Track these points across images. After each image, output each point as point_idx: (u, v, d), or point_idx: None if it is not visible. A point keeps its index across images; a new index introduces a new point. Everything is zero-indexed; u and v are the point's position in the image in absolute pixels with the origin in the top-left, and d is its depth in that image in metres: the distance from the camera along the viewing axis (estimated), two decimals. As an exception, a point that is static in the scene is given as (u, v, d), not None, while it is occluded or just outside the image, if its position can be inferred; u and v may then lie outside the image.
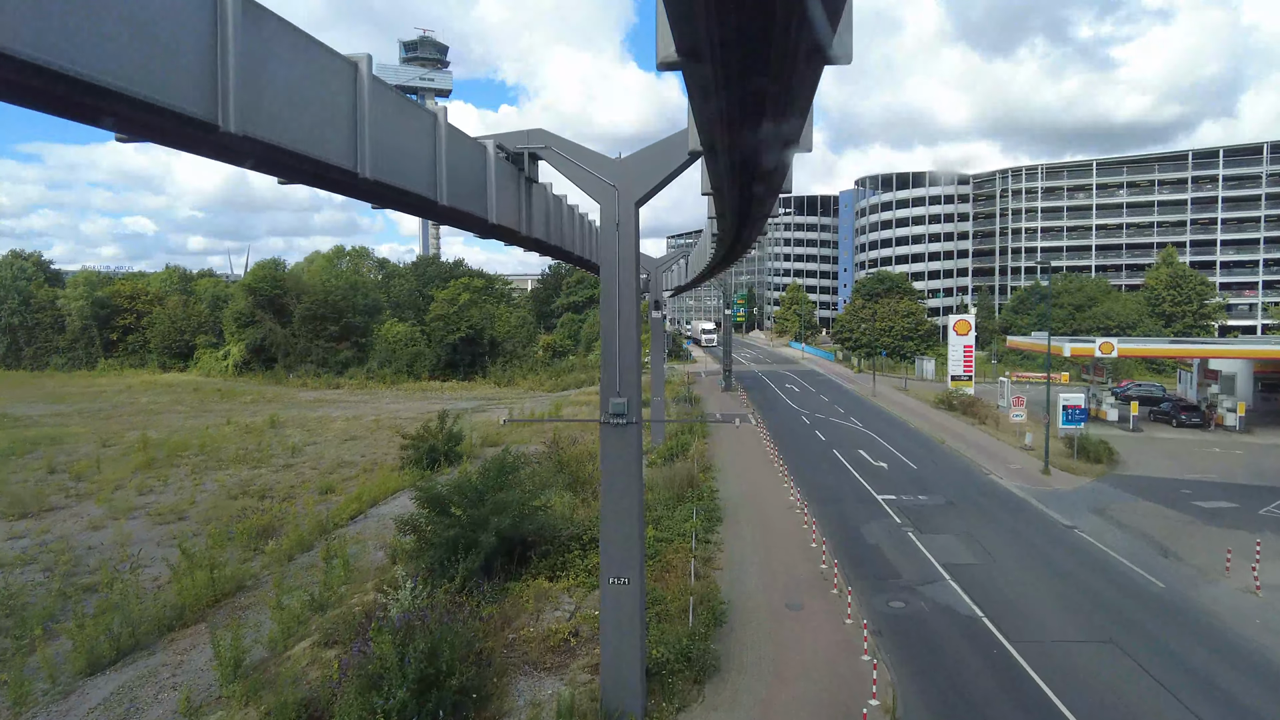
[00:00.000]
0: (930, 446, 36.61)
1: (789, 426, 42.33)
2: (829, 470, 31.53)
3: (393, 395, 64.73)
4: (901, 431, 40.58)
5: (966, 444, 36.76)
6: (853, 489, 28.33)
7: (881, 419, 44.62)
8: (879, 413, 46.89)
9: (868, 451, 35.10)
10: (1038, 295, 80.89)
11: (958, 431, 40.13)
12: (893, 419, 44.58)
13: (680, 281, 45.88)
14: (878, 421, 43.59)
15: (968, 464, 32.83)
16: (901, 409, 47.84)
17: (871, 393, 53.69)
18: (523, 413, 47.71)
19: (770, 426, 41.89)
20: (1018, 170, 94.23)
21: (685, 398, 47.71)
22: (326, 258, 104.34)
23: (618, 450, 11.94)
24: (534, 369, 70.99)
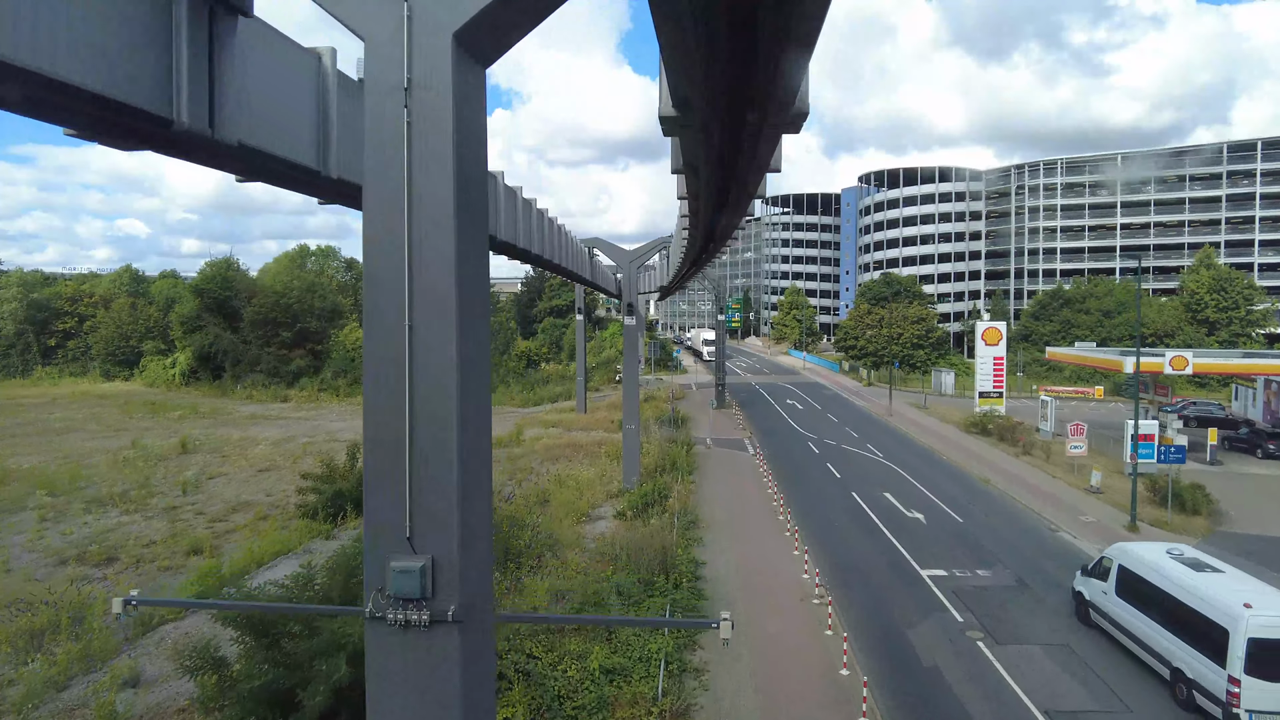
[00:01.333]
0: (972, 488, 29.40)
1: (794, 457, 35.11)
2: (851, 525, 24.29)
3: (343, 410, 57.35)
4: (932, 465, 33.40)
5: (1016, 484, 29.57)
6: (886, 558, 21.09)
7: (904, 447, 37.43)
8: (900, 438, 39.70)
9: (896, 495, 27.88)
10: (1061, 300, 74.01)
11: (1000, 465, 32.96)
12: (917, 447, 37.40)
13: (664, 281, 38.72)
14: (901, 450, 36.41)
15: (1026, 515, 25.63)
16: (925, 433, 40.67)
17: (887, 411, 46.53)
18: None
19: (771, 456, 34.68)
20: (1034, 165, 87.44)
21: (670, 419, 40.47)
22: (289, 257, 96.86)
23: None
24: (505, 380, 63.63)
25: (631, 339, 27.84)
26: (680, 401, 53.03)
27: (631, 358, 27.92)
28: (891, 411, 46.05)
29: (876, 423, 44.34)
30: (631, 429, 27.83)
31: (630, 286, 27.30)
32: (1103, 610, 15.99)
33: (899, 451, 36.05)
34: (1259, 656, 11.80)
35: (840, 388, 61.29)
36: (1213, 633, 12.51)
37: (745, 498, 27.26)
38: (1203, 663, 12.63)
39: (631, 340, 27.83)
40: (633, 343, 27.86)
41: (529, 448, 38.01)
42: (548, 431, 41.87)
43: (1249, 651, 11.83)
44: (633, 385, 27.89)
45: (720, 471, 31.44)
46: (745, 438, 39.65)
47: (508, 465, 33.46)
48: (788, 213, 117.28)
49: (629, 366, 27.92)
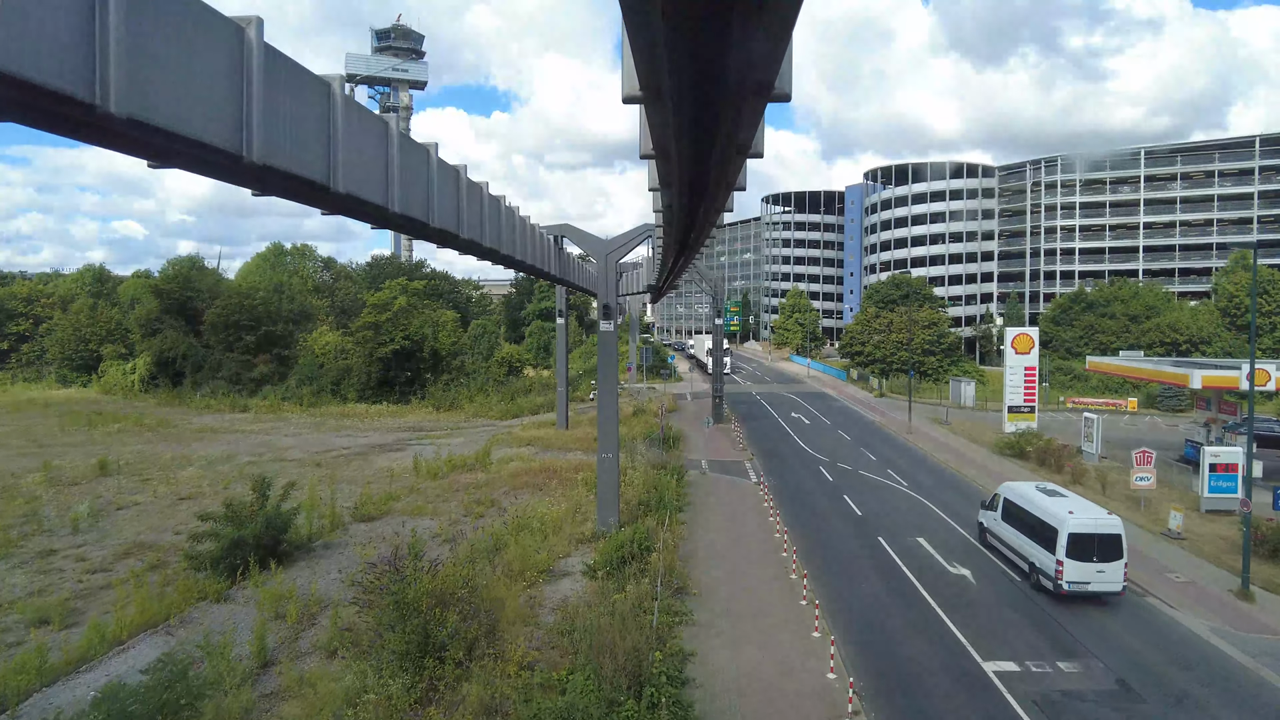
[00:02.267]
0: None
1: (804, 486, 29.98)
2: (884, 589, 19.13)
3: (302, 423, 52.11)
4: (967, 498, 28.27)
5: (1075, 525, 24.42)
6: (934, 643, 15.94)
7: (931, 473, 32.33)
8: (924, 462, 34.59)
9: (932, 540, 22.76)
10: (1083, 303, 69.03)
11: (1049, 498, 27.83)
12: (946, 474, 32.29)
13: (651, 279, 33.50)
14: (927, 478, 31.31)
15: (1100, 571, 20.48)
16: (952, 456, 35.58)
17: (906, 428, 41.38)
18: (431, 456, 35.12)
19: (777, 485, 29.55)
20: (1052, 161, 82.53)
21: (660, 438, 35.33)
22: (262, 257, 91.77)
23: None
24: (484, 388, 58.44)
25: (609, 348, 22.72)
26: (673, 414, 47.92)
27: (609, 371, 22.79)
28: (911, 429, 40.92)
29: (895, 442, 39.20)
30: (608, 458, 22.70)
31: (608, 283, 22.19)
32: (993, 532, 21.69)
33: (926, 480, 30.94)
34: (1074, 545, 17.65)
35: (849, 399, 56.17)
36: (1049, 534, 18.33)
37: (747, 547, 22.08)
38: (1044, 554, 18.51)
39: (609, 350, 22.71)
40: (610, 353, 22.74)
41: (496, 473, 32.89)
42: (520, 452, 36.71)
43: (1068, 542, 17.67)
44: (610, 405, 22.75)
45: (717, 508, 26.28)
46: (746, 460, 34.52)
47: (466, 498, 28.32)
48: (788, 211, 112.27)
49: (605, 382, 22.77)
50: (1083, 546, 17.66)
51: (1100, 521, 17.96)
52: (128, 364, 72.19)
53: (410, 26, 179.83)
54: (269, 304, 68.28)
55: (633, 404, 47.08)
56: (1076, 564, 17.62)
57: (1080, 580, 17.67)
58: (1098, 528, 17.77)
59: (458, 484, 31.61)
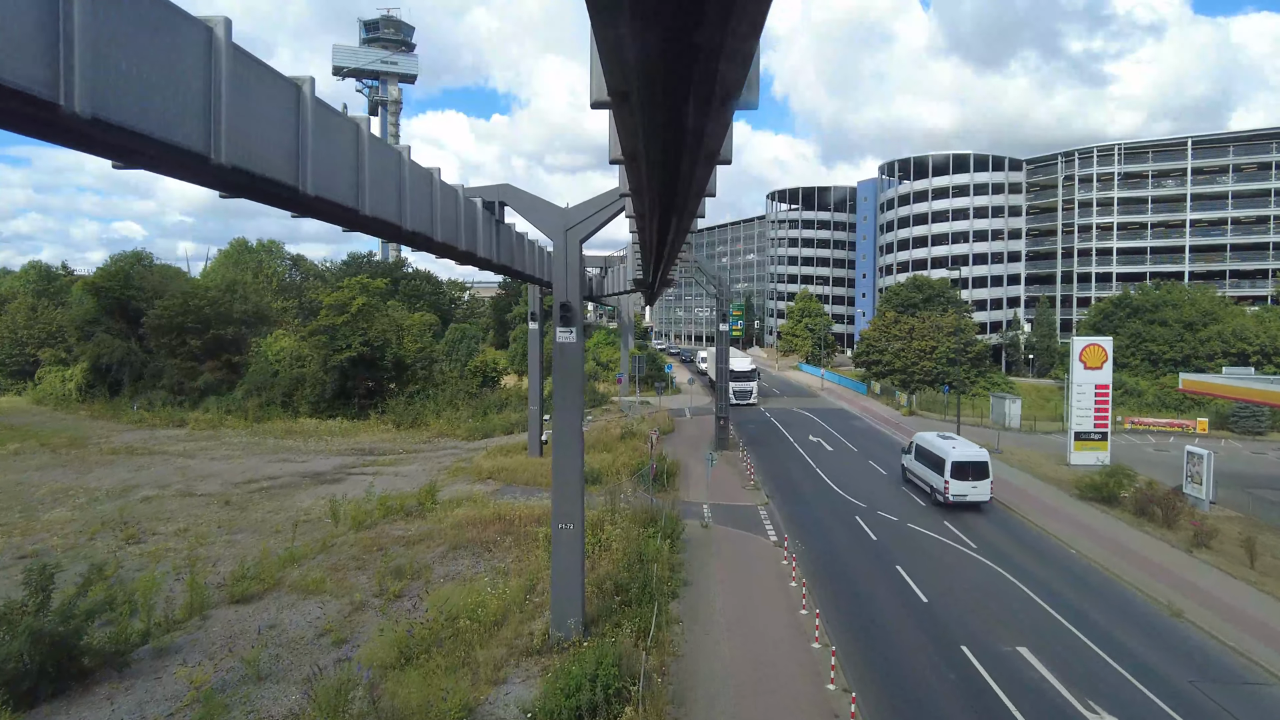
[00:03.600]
0: (1159, 629, 16.96)
1: (843, 551, 22.64)
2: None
3: (239, 442, 44.76)
4: (1056, 567, 20.97)
5: (1242, 626, 17.10)
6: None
7: (1003, 528, 24.97)
8: (990, 511, 27.20)
9: (1037, 648, 15.45)
10: (1128, 308, 61.76)
11: (1168, 569, 20.55)
12: (1024, 530, 24.93)
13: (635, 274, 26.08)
14: (1001, 537, 23.96)
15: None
16: (1020, 498, 28.23)
17: (952, 459, 33.99)
18: (365, 493, 27.70)
19: (805, 547, 22.21)
20: (1086, 151, 75.33)
21: (650, 471, 27.95)
22: (226, 254, 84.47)
23: None
24: (452, 401, 51.09)
25: (569, 367, 15.36)
26: (669, 436, 40.57)
27: (569, 399, 15.41)
28: (958, 459, 33.53)
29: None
30: (567, 530, 15.42)
31: (568, 271, 14.91)
32: (910, 469, 29.99)
33: (997, 538, 23.59)
34: (956, 470, 25.87)
35: (873, 417, 48.73)
36: (940, 464, 26.46)
37: (774, 671, 14.73)
38: (937, 479, 26.59)
39: (569, 369, 15.35)
40: (571, 373, 15.37)
41: (438, 521, 25.58)
42: (475, 491, 29.33)
43: (951, 468, 25.87)
44: (571, 449, 15.40)
45: (725, 593, 18.93)
46: (760, 504, 27.18)
47: (384, 565, 21.02)
48: (795, 209, 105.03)
49: (564, 414, 15.38)
50: (961, 471, 25.76)
51: (974, 453, 26.30)
52: (67, 370, 64.94)
53: (400, 18, 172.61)
54: (219, 304, 60.95)
55: (621, 423, 39.82)
56: (957, 482, 25.77)
57: (960, 494, 25.82)
58: (972, 457, 26.03)
59: (385, 538, 24.36)
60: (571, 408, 15.47)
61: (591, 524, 22.68)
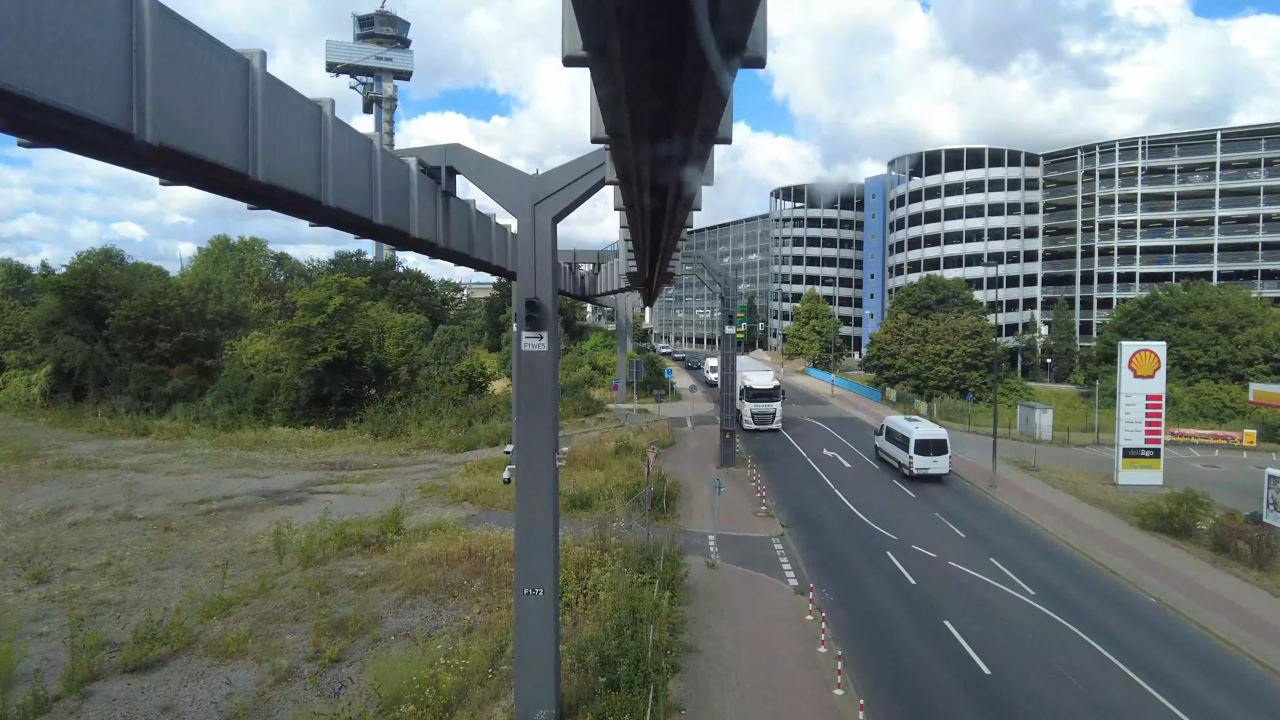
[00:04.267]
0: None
1: (879, 600, 18.98)
2: None
3: (201, 454, 41.10)
4: (1136, 620, 17.32)
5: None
6: None
7: (1062, 569, 21.29)
8: (1039, 543, 23.55)
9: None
10: (1157, 310, 58.07)
11: (1266, 622, 16.86)
12: (1087, 570, 21.24)
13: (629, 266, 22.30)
14: (1063, 580, 20.28)
15: None
16: (1069, 526, 24.55)
17: (988, 478, 30.29)
18: (328, 515, 24.04)
19: (833, 596, 18.50)
20: (1108, 146, 71.67)
21: (648, 498, 24.27)
22: (206, 253, 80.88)
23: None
24: (435, 410, 47.44)
25: (539, 380, 11.70)
26: (669, 451, 36.90)
27: (537, 429, 11.76)
28: (995, 480, 29.83)
29: (979, 502, 28.15)
30: (535, 597, 11.77)
31: (535, 257, 11.32)
32: (881, 448, 34.57)
33: (1058, 581, 19.91)
34: (919, 446, 30.06)
35: (889, 426, 44.96)
36: (906, 441, 30.68)
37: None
38: (904, 455, 30.71)
39: (538, 384, 11.70)
40: (540, 391, 11.72)
41: (400, 556, 21.97)
42: (447, 516, 25.65)
43: (915, 445, 30.09)
44: (542, 491, 11.75)
45: (738, 662, 15.25)
46: (774, 535, 23.51)
47: (325, 617, 17.41)
48: (800, 207, 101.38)
49: (529, 445, 11.71)
50: (924, 447, 30.44)
51: (934, 431, 31.34)
52: (32, 375, 61.29)
53: (395, 13, 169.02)
54: (191, 305, 57.35)
55: (616, 436, 36.16)
56: (920, 457, 30.44)
57: (923, 467, 30.47)
58: (932, 436, 30.87)
59: (336, 577, 20.76)
60: (540, 439, 11.81)
61: (576, 564, 19.08)
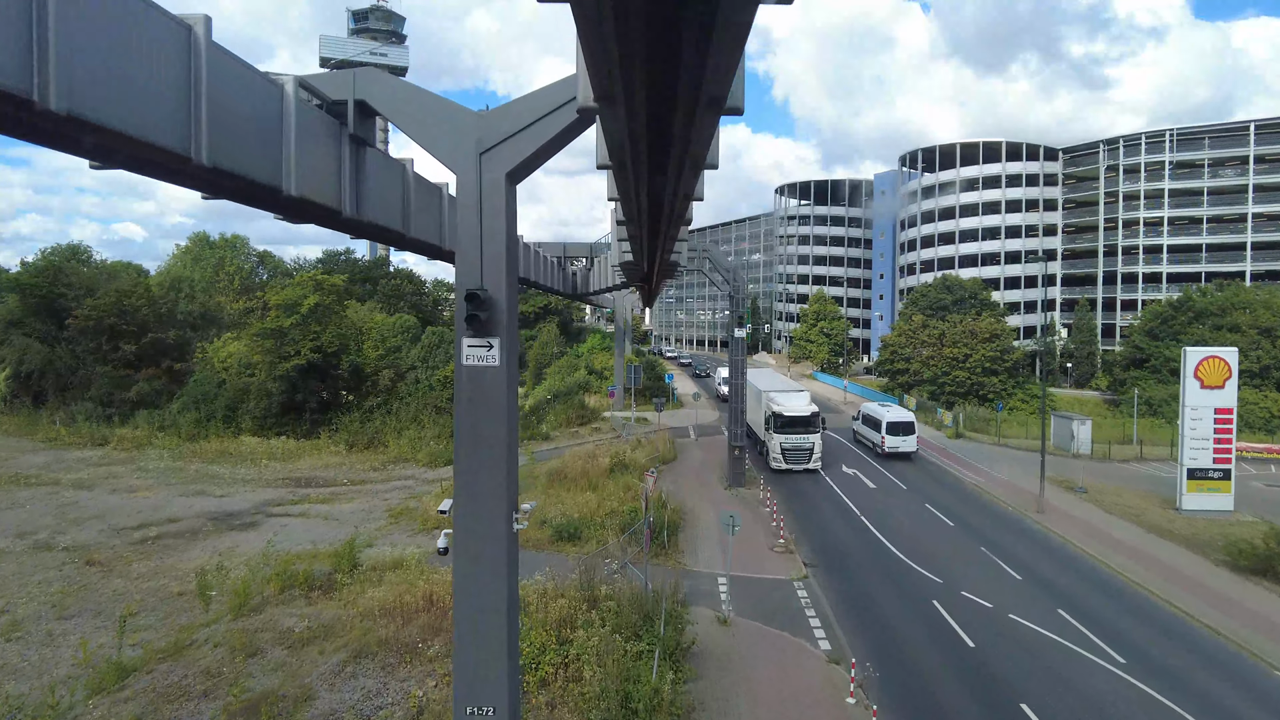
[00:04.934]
0: None
1: (923, 660, 15.37)
2: None
3: (158, 467, 37.48)
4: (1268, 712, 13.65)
5: None
6: None
7: (1148, 623, 17.62)
8: (1111, 589, 19.88)
9: None
10: (1191, 312, 54.48)
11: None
12: (1192, 632, 17.56)
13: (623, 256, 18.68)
14: (1152, 640, 16.63)
15: None
16: (1155, 571, 20.87)
17: (1033, 503, 26.63)
18: (257, 556, 20.39)
19: (880, 668, 14.79)
20: (1133, 138, 68.09)
21: (646, 535, 20.61)
22: (185, 250, 77.21)
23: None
24: (417, 418, 43.78)
25: (486, 409, 8.12)
26: (672, 466, 33.22)
27: (483, 478, 8.14)
28: (1041, 506, 26.16)
29: (1029, 533, 24.46)
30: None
31: (480, 220, 7.77)
32: (857, 431, 39.73)
33: (1147, 639, 16.25)
34: (889, 428, 35.46)
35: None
36: (879, 425, 36.01)
37: None
38: (877, 436, 36.07)
39: (484, 417, 8.11)
40: (486, 430, 8.13)
41: (348, 604, 18.32)
42: (411, 552, 21.94)
43: (886, 427, 35.56)
44: (488, 580, 8.13)
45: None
46: (796, 578, 19.84)
47: (235, 696, 13.75)
48: (806, 204, 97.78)
49: (472, 509, 8.10)
50: (894, 429, 35.29)
51: (904, 414, 37.23)
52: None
53: (391, 8, 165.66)
54: (160, 305, 53.73)
55: (611, 451, 32.49)
56: (891, 437, 35.17)
57: (893, 446, 35.09)
58: (901, 419, 36.27)
59: (269, 631, 17.22)
60: (490, 492, 8.18)
61: (557, 622, 15.42)
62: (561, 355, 71.45)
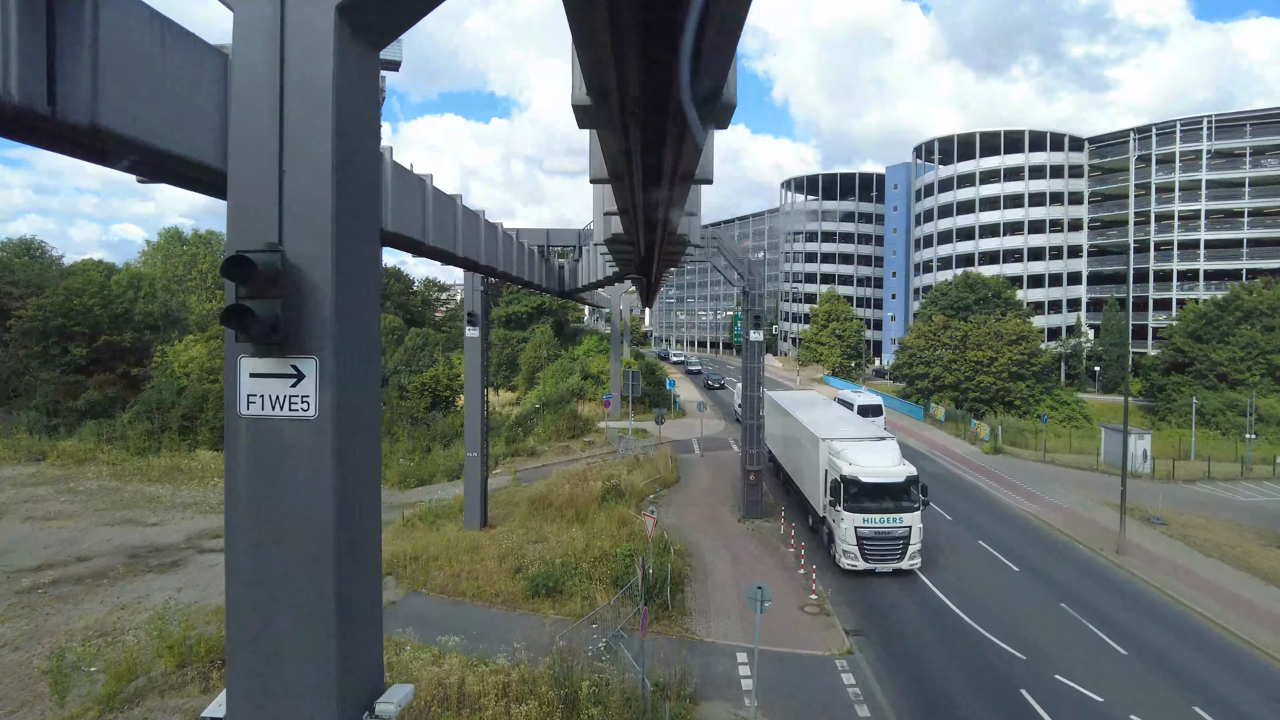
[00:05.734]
0: None
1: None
2: None
3: (89, 489, 33.07)
4: None
5: None
6: None
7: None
8: (1257, 671, 15.41)
9: None
10: (1239, 312, 50.02)
11: None
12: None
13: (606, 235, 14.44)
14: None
15: None
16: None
17: (1112, 544, 22.15)
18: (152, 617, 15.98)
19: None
20: (1167, 126, 63.64)
21: (641, 584, 16.15)
22: (156, 248, 72.77)
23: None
24: (390, 430, 39.32)
25: (301, 502, 3.85)
26: (674, 492, 28.72)
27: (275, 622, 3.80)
28: (1122, 545, 21.69)
29: (1115, 584, 19.98)
30: None
31: (259, 88, 3.49)
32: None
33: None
34: (860, 411, 35.44)
35: (947, 456, 36.72)
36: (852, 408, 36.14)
37: None
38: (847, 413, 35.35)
39: (310, 513, 3.84)
40: (316, 544, 3.84)
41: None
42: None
43: (858, 409, 35.64)
44: None
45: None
46: (838, 655, 15.38)
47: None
48: (814, 199, 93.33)
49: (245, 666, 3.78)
50: (864, 411, 35.70)
51: (872, 398, 40.29)
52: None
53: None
54: (116, 304, 49.32)
55: (604, 472, 28.04)
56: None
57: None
58: (871, 402, 38.74)
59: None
60: (301, 679, 3.70)
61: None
62: (556, 358, 67.06)
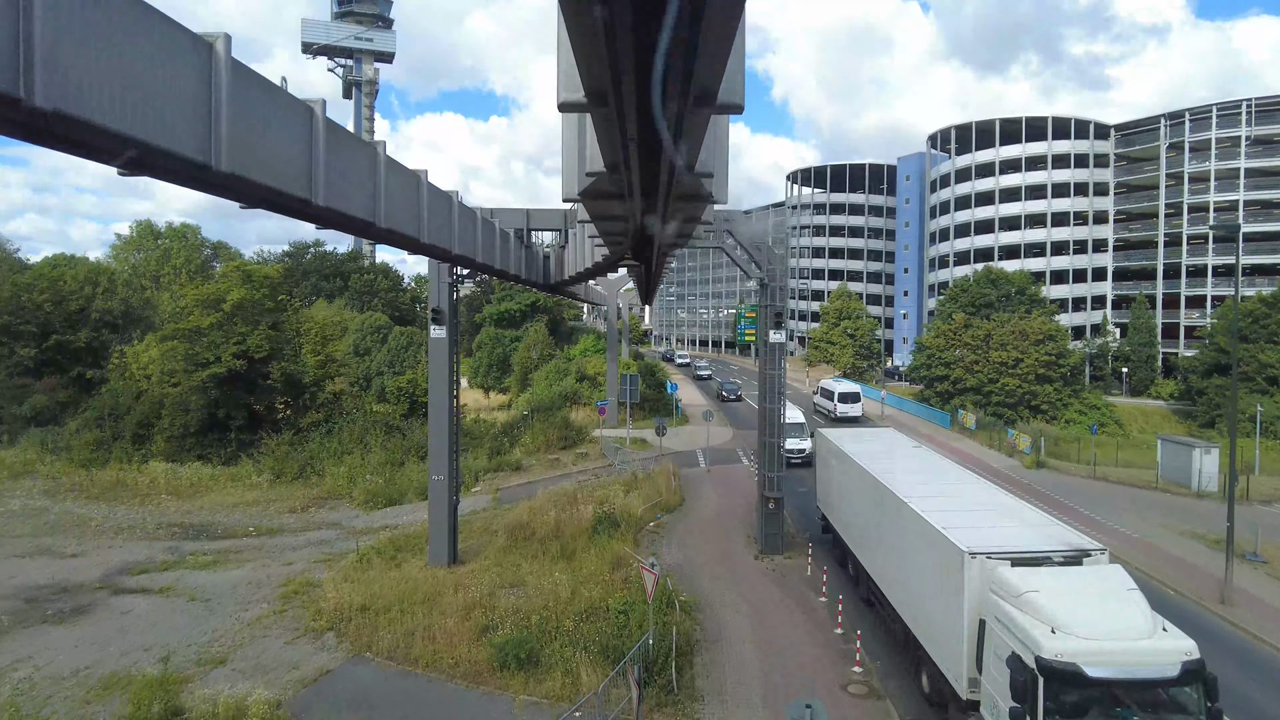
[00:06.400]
0: None
1: None
2: None
3: (12, 509, 29.16)
4: None
5: None
6: None
7: None
8: None
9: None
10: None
11: None
12: None
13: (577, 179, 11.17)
14: None
15: None
16: None
17: (1216, 594, 18.26)
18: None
19: None
20: (1202, 111, 59.83)
21: (639, 671, 12.35)
22: (129, 242, 68.82)
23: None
24: (363, 440, 35.46)
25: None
26: (677, 518, 24.83)
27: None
28: (1226, 594, 17.84)
29: (1229, 646, 16.08)
30: None
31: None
32: (815, 403, 49.20)
33: None
34: (840, 398, 44.76)
35: (984, 471, 32.82)
36: (833, 395, 45.83)
37: None
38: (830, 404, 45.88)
39: None
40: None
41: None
42: (276, 677, 13.53)
43: (839, 396, 45.23)
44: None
45: None
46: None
47: None
48: (821, 192, 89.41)
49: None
50: (844, 398, 43.57)
51: (850, 386, 46.34)
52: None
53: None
54: (70, 301, 45.40)
55: (597, 494, 24.20)
56: (842, 405, 43.17)
57: (844, 412, 42.92)
58: (850, 390, 44.96)
59: None
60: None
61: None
62: (550, 359, 63.23)
